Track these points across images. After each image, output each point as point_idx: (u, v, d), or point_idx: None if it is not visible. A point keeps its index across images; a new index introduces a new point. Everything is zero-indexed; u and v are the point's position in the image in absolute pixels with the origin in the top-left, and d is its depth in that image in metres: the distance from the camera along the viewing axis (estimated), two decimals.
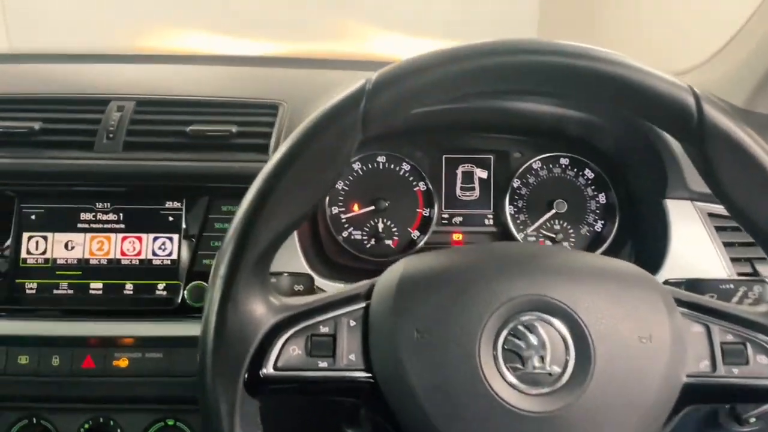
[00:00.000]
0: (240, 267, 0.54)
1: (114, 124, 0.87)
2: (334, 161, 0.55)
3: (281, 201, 0.54)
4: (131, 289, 0.84)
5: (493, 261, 0.56)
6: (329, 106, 0.55)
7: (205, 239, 0.83)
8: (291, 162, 0.54)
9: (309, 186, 0.55)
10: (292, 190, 0.55)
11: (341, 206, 0.95)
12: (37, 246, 0.84)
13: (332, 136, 0.54)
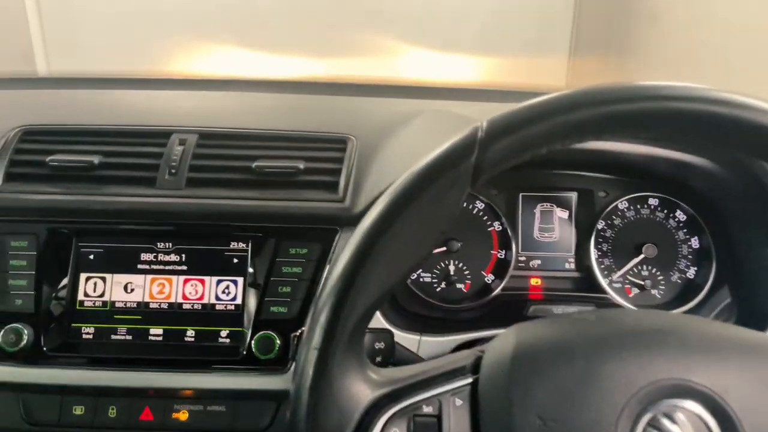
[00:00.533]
0: (336, 337, 0.48)
1: (176, 158, 0.82)
2: (441, 216, 0.49)
3: (382, 261, 0.49)
4: (192, 336, 0.78)
5: (625, 334, 0.49)
6: (437, 155, 0.49)
7: (272, 284, 0.78)
8: (394, 217, 0.48)
9: (413, 244, 0.49)
10: (394, 249, 0.49)
11: None
12: (95, 288, 0.79)
13: (440, 189, 0.49)
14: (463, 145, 0.49)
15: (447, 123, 0.85)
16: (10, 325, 0.75)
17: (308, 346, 0.49)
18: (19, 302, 0.77)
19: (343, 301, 0.48)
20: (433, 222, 0.49)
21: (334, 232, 0.80)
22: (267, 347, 0.75)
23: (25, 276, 0.78)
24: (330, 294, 0.49)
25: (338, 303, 0.48)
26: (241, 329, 0.78)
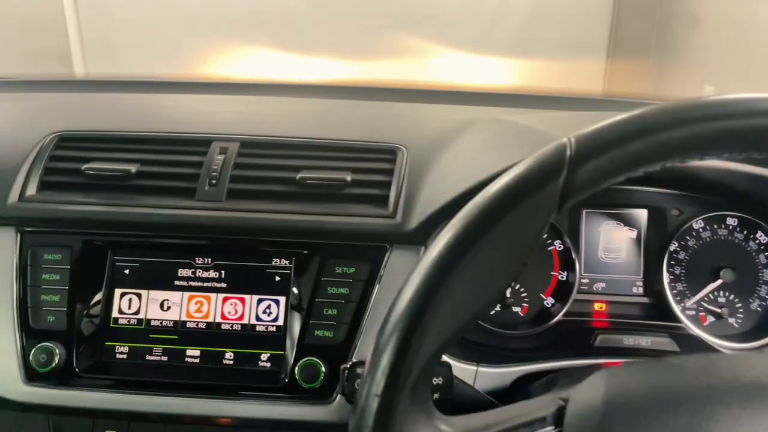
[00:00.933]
0: (400, 383, 0.42)
1: (217, 168, 0.77)
2: (522, 245, 0.43)
3: (453, 296, 0.43)
4: (231, 359, 0.73)
5: (733, 386, 0.42)
6: (520, 175, 0.43)
7: (317, 306, 0.72)
8: (469, 246, 0.42)
9: (489, 277, 0.43)
10: (467, 282, 0.43)
11: None
12: (129, 304, 0.75)
13: (522, 214, 0.43)
14: (551, 164, 0.43)
15: (509, 133, 0.79)
16: (41, 344, 0.71)
17: (368, 391, 0.43)
18: (51, 319, 0.73)
19: (409, 343, 0.42)
20: (513, 252, 0.43)
21: (383, 250, 0.74)
22: (311, 375, 0.69)
23: (58, 291, 0.74)
24: (394, 333, 0.43)
25: (403, 345, 0.42)
26: (283, 353, 0.73)
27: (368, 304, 0.72)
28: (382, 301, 0.72)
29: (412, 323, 0.42)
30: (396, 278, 0.73)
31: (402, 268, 0.73)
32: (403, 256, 0.73)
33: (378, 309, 0.71)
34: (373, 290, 0.72)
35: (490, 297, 0.44)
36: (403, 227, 0.73)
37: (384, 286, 0.72)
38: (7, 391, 0.71)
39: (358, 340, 0.70)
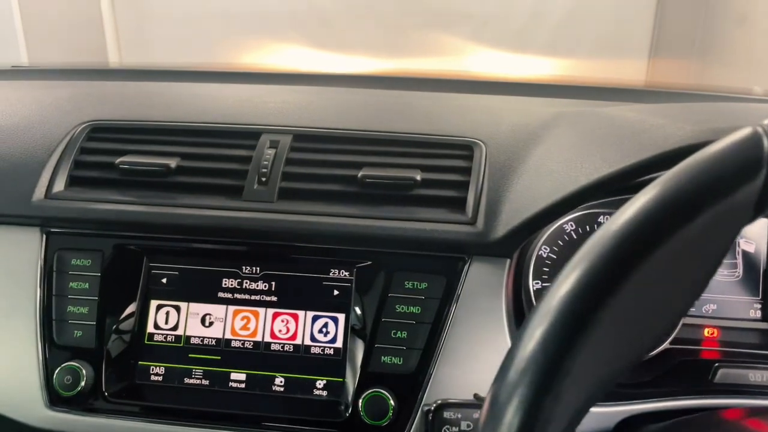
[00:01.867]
0: None
1: (267, 164, 0.68)
2: (705, 262, 0.32)
3: (612, 331, 0.32)
4: (282, 385, 0.63)
5: None
6: (699, 174, 0.32)
7: (384, 327, 0.62)
8: (633, 264, 0.31)
9: (659, 305, 0.32)
10: (624, 319, 0.32)
11: (547, 280, 0.71)
12: (167, 319, 0.66)
13: (707, 224, 0.31)
14: (742, 162, 0.32)
15: (607, 129, 0.67)
16: (66, 363, 0.62)
17: None
18: (78, 334, 0.64)
19: (544, 397, 0.31)
20: (695, 269, 0.32)
21: (460, 262, 0.63)
22: (378, 411, 0.59)
23: (86, 302, 0.65)
24: (522, 382, 0.32)
25: (537, 399, 0.31)
26: (342, 380, 0.62)
27: (444, 326, 0.61)
28: (460, 324, 0.61)
29: (550, 370, 0.31)
30: (477, 296, 0.62)
31: (484, 284, 0.62)
32: (484, 270, 0.62)
33: (456, 333, 0.61)
34: (449, 310, 0.61)
35: (661, 329, 0.33)
36: (486, 236, 0.62)
37: (463, 306, 0.61)
38: (26, 416, 0.62)
39: (432, 370, 0.60)
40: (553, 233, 0.70)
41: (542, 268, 0.71)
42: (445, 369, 0.59)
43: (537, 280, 0.71)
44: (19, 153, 0.71)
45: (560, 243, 0.71)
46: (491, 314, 0.61)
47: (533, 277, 0.70)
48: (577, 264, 0.33)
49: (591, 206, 0.71)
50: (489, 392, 0.33)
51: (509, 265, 0.63)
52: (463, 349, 0.60)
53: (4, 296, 0.66)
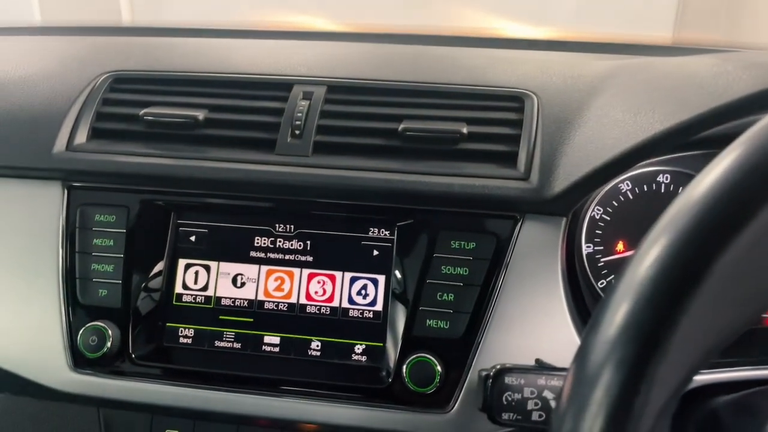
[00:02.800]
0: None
1: (301, 116, 0.63)
2: None
3: (722, 293, 0.27)
4: (318, 349, 0.60)
5: None
6: None
7: (428, 290, 0.58)
8: (755, 207, 0.27)
9: None
10: (748, 263, 0.27)
11: (600, 244, 0.66)
12: (196, 279, 0.62)
13: None
14: None
15: (669, 82, 0.62)
16: (91, 323, 0.59)
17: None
18: (103, 294, 0.61)
19: (651, 356, 0.27)
20: None
21: (512, 221, 0.58)
22: (424, 377, 0.55)
23: (111, 260, 0.61)
24: (623, 342, 0.27)
25: (643, 359, 0.27)
26: (382, 345, 0.58)
27: (494, 289, 0.57)
28: (512, 286, 0.56)
29: (658, 322, 0.27)
30: (530, 257, 0.57)
31: (538, 245, 0.57)
32: (538, 230, 0.58)
33: (507, 296, 0.56)
34: (500, 272, 0.57)
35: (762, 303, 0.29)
36: (541, 193, 0.57)
37: (515, 267, 0.57)
38: (50, 378, 0.59)
39: (482, 336, 0.55)
40: (608, 193, 0.65)
41: (594, 231, 0.66)
42: (495, 334, 0.55)
43: (589, 244, 0.66)
44: (38, 103, 0.67)
45: (615, 204, 0.66)
46: (545, 277, 0.57)
47: (585, 240, 0.65)
48: (688, 210, 0.28)
49: (649, 164, 0.66)
50: (579, 351, 0.29)
51: (565, 225, 0.58)
52: (515, 313, 0.56)
53: (25, 254, 0.62)
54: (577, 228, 0.65)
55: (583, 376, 0.28)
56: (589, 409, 0.27)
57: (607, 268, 0.66)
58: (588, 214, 0.65)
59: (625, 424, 0.27)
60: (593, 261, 0.66)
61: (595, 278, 0.65)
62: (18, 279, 0.62)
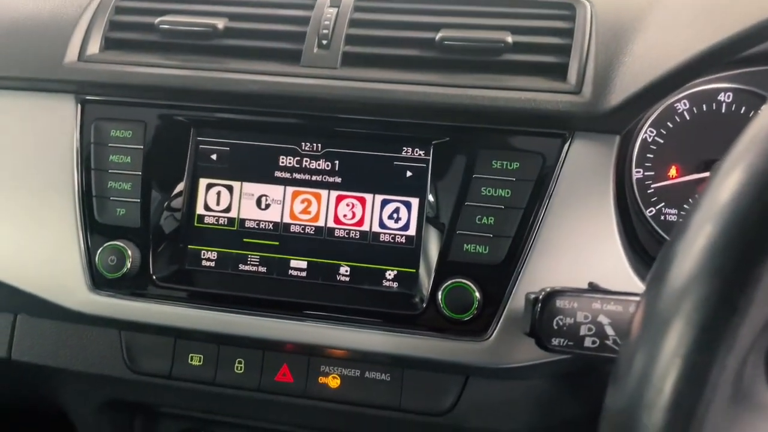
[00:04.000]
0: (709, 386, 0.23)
1: (328, 25, 0.58)
2: None
3: None
4: (347, 274, 0.56)
5: None
6: None
7: (467, 213, 0.53)
8: None
9: None
10: None
11: (650, 169, 0.61)
12: (218, 199, 0.58)
13: None
14: None
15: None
16: (110, 243, 0.56)
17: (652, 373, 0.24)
18: (121, 213, 0.57)
19: (731, 310, 0.23)
20: None
21: (560, 139, 0.54)
22: (461, 303, 0.51)
23: (129, 177, 0.58)
24: (711, 269, 0.23)
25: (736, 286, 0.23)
26: (415, 271, 0.55)
27: (539, 212, 0.52)
28: (558, 210, 0.52)
29: (754, 245, 0.23)
30: (579, 178, 0.53)
31: (588, 165, 0.53)
32: (589, 149, 0.53)
33: (553, 220, 0.52)
34: (545, 195, 0.53)
35: None
36: (594, 107, 0.52)
37: (562, 189, 0.52)
38: (69, 299, 0.57)
39: (523, 261, 0.52)
40: (663, 113, 0.60)
41: (646, 155, 0.61)
42: (538, 260, 0.51)
43: (639, 169, 0.61)
44: (47, 12, 0.62)
45: (669, 126, 0.60)
46: (595, 201, 0.53)
47: (636, 164, 0.60)
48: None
49: (708, 81, 0.60)
50: (654, 280, 0.25)
51: (618, 144, 0.53)
52: (560, 238, 0.52)
53: (39, 171, 0.59)
54: (628, 151, 0.60)
55: (663, 306, 0.24)
56: (667, 341, 0.23)
57: (658, 195, 0.61)
58: (640, 136, 0.60)
59: (711, 359, 0.23)
60: (643, 187, 0.61)
61: (645, 205, 0.60)
62: (33, 197, 0.59)
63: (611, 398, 0.29)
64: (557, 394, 0.54)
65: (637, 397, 0.26)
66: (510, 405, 0.53)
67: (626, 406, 0.27)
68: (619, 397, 0.28)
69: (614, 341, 0.39)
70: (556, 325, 0.40)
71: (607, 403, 0.30)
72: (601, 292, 0.40)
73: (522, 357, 0.51)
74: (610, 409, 0.29)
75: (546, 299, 0.42)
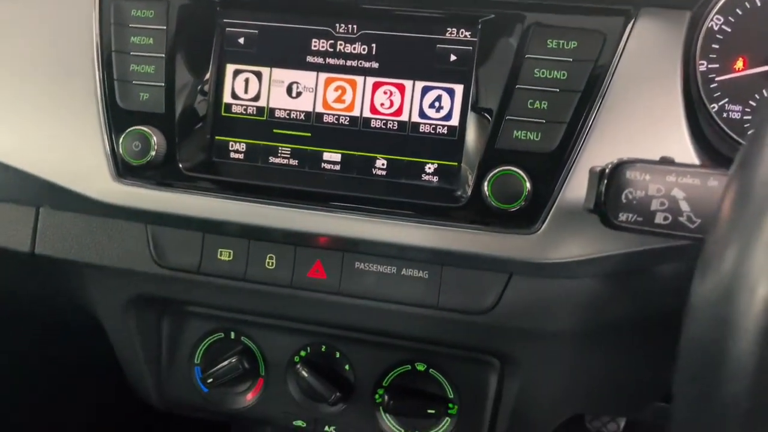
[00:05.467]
0: None
1: None
2: None
3: None
4: (383, 168, 0.53)
5: None
6: None
7: (518, 97, 0.49)
8: None
9: None
10: None
11: (715, 61, 0.55)
12: (246, 87, 0.55)
13: None
14: None
15: None
16: (133, 128, 0.53)
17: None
18: (145, 97, 0.54)
19: None
20: None
21: (623, 17, 0.48)
22: (509, 192, 0.47)
23: (152, 60, 0.54)
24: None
25: None
26: (457, 165, 0.51)
27: (598, 96, 0.48)
28: (619, 93, 0.48)
29: None
30: (644, 59, 0.48)
31: (654, 44, 0.48)
32: (655, 28, 0.48)
33: (613, 104, 0.48)
34: (605, 77, 0.48)
35: None
36: None
37: (624, 73, 0.48)
38: (93, 188, 0.54)
39: (578, 150, 0.48)
40: None
41: (711, 45, 0.55)
42: (594, 148, 0.47)
43: (703, 61, 0.55)
44: None
45: (739, 13, 0.54)
46: (660, 85, 0.48)
47: (700, 55, 0.55)
48: None
49: None
50: (743, 156, 0.21)
51: (688, 22, 0.48)
52: (620, 125, 0.48)
53: (57, 56, 0.56)
54: (693, 41, 0.55)
55: (760, 190, 0.20)
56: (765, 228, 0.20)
57: (722, 89, 0.56)
58: (705, 24, 0.55)
59: None
60: (707, 80, 0.56)
61: (708, 98, 0.55)
62: (52, 83, 0.56)
63: (699, 288, 0.26)
64: (604, 294, 0.51)
65: (730, 288, 0.23)
66: (554, 305, 0.51)
67: (717, 298, 0.24)
68: (709, 288, 0.25)
69: (688, 218, 0.35)
70: (624, 199, 0.37)
71: (695, 294, 0.27)
72: (676, 165, 0.36)
73: (571, 252, 0.47)
74: (697, 299, 0.26)
75: (615, 169, 0.38)
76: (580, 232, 0.47)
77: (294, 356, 0.61)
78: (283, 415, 0.61)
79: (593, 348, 0.55)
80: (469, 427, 0.59)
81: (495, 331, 0.52)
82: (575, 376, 0.58)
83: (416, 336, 0.56)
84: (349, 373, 0.60)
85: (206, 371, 0.62)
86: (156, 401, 0.65)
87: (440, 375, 0.59)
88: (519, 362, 0.55)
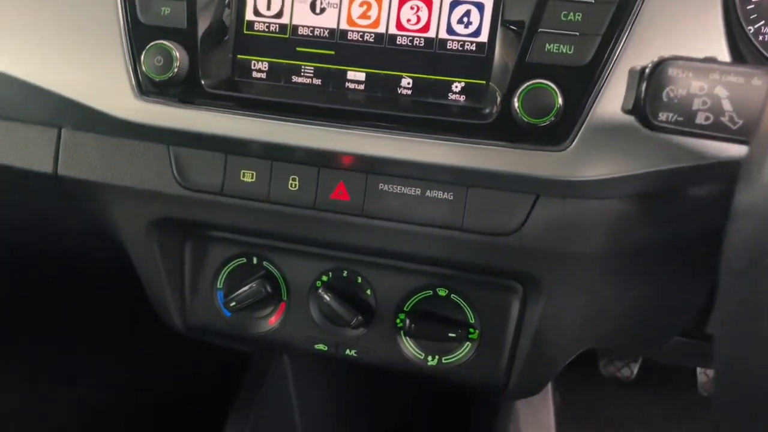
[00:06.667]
0: None
1: None
2: None
3: None
4: (409, 87, 0.52)
5: None
6: None
7: (551, 8, 0.47)
8: None
9: None
10: None
11: (755, 20, 0.53)
12: (269, 4, 0.53)
13: None
14: None
15: None
16: (155, 42, 0.52)
17: None
18: (166, 12, 0.53)
19: None
20: None
21: None
22: (540, 106, 0.46)
23: None
24: None
25: None
26: (485, 83, 0.50)
27: (634, 9, 0.46)
28: (658, 7, 0.46)
29: None
30: None
31: None
32: None
33: (651, 18, 0.46)
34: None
35: None
36: None
37: None
38: (114, 106, 0.53)
39: (613, 64, 0.46)
40: None
41: (747, 7, 0.53)
42: (629, 62, 0.45)
43: None
44: None
45: None
46: None
47: None
48: None
49: None
50: None
51: None
52: (656, 39, 0.46)
53: None
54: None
55: None
56: None
57: (759, 11, 0.54)
58: None
59: None
60: (744, 1, 0.53)
61: (746, 20, 0.53)
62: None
63: (743, 195, 0.26)
64: (632, 216, 0.50)
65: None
66: (580, 226, 0.50)
67: (763, 205, 0.23)
68: (754, 194, 0.24)
69: (730, 118, 0.34)
70: (666, 97, 0.35)
71: (738, 202, 0.26)
72: (719, 63, 0.35)
73: (600, 170, 0.47)
74: (741, 207, 0.25)
75: (657, 66, 0.36)
76: (611, 150, 0.46)
77: (316, 281, 0.61)
78: (305, 339, 0.62)
79: (618, 274, 0.55)
80: (490, 352, 0.59)
81: (520, 254, 0.52)
82: (598, 304, 0.58)
83: (440, 259, 0.56)
84: (371, 298, 0.60)
85: (228, 296, 0.62)
86: (180, 327, 0.66)
87: (462, 300, 0.59)
88: (542, 287, 0.55)
